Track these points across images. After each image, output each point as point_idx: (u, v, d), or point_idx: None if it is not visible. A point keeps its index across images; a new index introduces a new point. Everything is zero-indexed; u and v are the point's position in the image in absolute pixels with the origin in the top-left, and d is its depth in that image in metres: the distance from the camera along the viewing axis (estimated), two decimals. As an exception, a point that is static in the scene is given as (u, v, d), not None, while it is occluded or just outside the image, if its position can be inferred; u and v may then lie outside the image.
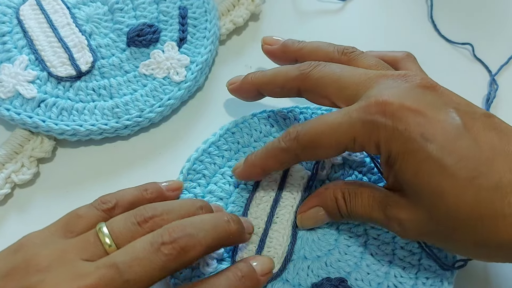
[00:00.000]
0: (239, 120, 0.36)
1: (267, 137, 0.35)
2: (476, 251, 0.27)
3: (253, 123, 0.36)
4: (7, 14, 0.38)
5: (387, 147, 0.26)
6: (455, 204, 0.25)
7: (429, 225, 0.26)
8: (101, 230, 0.25)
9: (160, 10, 0.40)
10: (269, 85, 0.33)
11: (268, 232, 0.32)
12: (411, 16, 0.44)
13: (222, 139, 0.35)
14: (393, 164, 0.27)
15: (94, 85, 0.37)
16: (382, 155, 0.27)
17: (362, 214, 0.29)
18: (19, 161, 0.35)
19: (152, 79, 0.37)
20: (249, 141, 0.35)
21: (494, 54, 0.42)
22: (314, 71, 0.30)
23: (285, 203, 0.32)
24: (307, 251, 0.31)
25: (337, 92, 0.29)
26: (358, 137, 0.27)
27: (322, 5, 0.44)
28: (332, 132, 0.28)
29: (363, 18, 0.44)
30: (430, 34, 0.43)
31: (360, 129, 0.27)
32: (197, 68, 0.38)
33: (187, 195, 0.33)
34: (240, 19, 0.41)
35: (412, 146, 0.26)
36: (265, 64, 0.41)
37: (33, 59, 0.37)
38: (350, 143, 0.28)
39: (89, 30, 0.38)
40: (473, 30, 0.43)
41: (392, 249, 0.31)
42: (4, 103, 0.35)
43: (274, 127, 0.36)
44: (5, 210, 0.34)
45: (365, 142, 0.27)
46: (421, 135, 0.25)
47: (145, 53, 0.38)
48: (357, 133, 0.27)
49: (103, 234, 0.25)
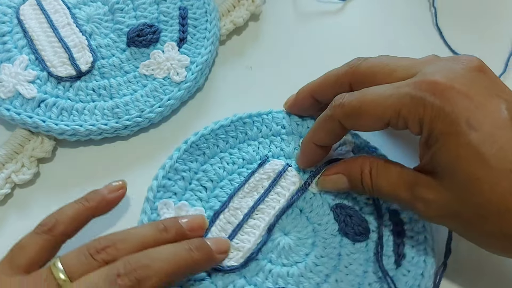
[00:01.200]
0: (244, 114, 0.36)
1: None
2: (500, 244, 0.27)
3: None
4: (7, 14, 0.38)
5: (431, 126, 0.26)
6: (489, 192, 0.25)
7: (457, 209, 0.26)
8: (55, 265, 0.25)
9: (160, 10, 0.40)
10: (322, 86, 0.33)
11: (243, 225, 0.32)
12: (411, 14, 0.44)
13: (232, 124, 0.35)
14: (432, 144, 0.27)
15: (94, 85, 0.37)
16: (424, 133, 0.27)
17: (387, 191, 0.29)
18: (19, 161, 0.35)
19: (152, 80, 0.38)
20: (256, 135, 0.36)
21: (495, 61, 0.42)
22: (363, 63, 0.31)
23: (269, 203, 0.33)
24: (274, 256, 0.31)
25: (386, 77, 0.29)
26: (404, 111, 0.27)
27: (322, 6, 0.44)
28: (380, 102, 0.28)
29: (363, 18, 0.44)
30: (430, 33, 0.43)
31: (407, 103, 0.27)
32: (197, 68, 0.38)
33: (182, 166, 0.33)
34: (240, 19, 0.41)
35: (456, 129, 0.26)
36: (266, 64, 0.41)
37: (33, 59, 0.37)
38: (394, 116, 0.27)
39: (90, 30, 0.38)
40: (476, 37, 0.43)
41: (364, 270, 0.31)
42: (4, 103, 0.35)
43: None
44: (5, 210, 0.34)
45: (409, 118, 0.27)
46: (466, 120, 0.25)
47: (145, 53, 0.38)
48: (404, 107, 0.27)
49: (57, 269, 0.25)
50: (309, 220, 0.33)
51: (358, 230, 0.32)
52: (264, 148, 0.35)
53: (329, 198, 0.33)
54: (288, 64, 0.41)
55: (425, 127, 0.27)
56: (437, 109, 0.26)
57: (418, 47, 0.42)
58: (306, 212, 0.33)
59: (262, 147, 0.35)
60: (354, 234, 0.32)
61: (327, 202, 0.33)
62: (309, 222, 0.33)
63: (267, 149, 0.35)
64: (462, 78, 0.27)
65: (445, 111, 0.26)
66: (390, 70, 0.29)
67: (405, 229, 0.32)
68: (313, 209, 0.33)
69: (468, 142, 0.25)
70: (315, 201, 0.33)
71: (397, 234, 0.32)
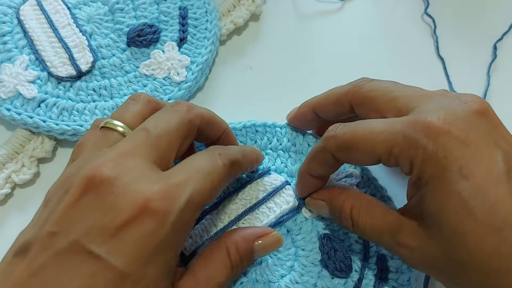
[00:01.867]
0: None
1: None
2: None
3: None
4: (7, 14, 0.38)
5: (421, 168, 0.25)
6: (473, 249, 0.24)
7: (440, 261, 0.25)
8: (109, 122, 0.27)
9: (160, 10, 0.40)
10: (324, 102, 0.32)
11: (226, 230, 0.31)
12: (409, 13, 0.44)
13: (243, 129, 0.35)
14: (421, 187, 0.26)
15: (95, 85, 0.37)
16: (413, 174, 0.26)
17: (369, 233, 0.28)
18: (20, 161, 0.35)
19: (152, 79, 0.38)
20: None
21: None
22: (366, 85, 0.30)
23: (257, 216, 0.32)
24: (250, 269, 0.31)
25: (387, 103, 0.28)
26: (396, 149, 0.26)
27: (321, 5, 0.44)
28: (371, 137, 0.27)
29: (362, 18, 0.44)
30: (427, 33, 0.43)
31: (400, 142, 0.26)
32: (197, 68, 0.38)
33: None
34: (240, 19, 0.41)
35: (447, 177, 0.24)
36: (266, 64, 0.41)
37: (33, 59, 0.37)
38: (385, 154, 0.26)
39: (90, 30, 0.38)
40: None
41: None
42: (5, 103, 0.35)
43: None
44: (5, 210, 0.34)
45: (400, 157, 0.26)
46: (459, 169, 0.24)
47: (146, 53, 0.38)
48: (396, 145, 0.26)
49: (113, 124, 0.27)
50: (293, 242, 0.32)
51: (340, 266, 0.31)
52: (269, 161, 0.34)
53: (320, 226, 0.32)
54: (288, 64, 0.41)
55: (415, 168, 0.25)
56: (429, 153, 0.25)
57: (417, 46, 0.42)
58: (293, 234, 0.32)
59: (268, 159, 0.34)
60: (334, 269, 0.31)
61: (316, 229, 0.32)
62: (293, 244, 0.32)
63: (272, 162, 0.34)
64: (462, 122, 0.25)
65: (438, 156, 0.24)
66: (391, 97, 0.28)
67: (389, 278, 0.31)
68: (301, 233, 0.32)
69: (458, 192, 0.24)
70: (305, 226, 0.32)
71: (379, 281, 0.31)
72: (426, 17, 0.43)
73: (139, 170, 0.24)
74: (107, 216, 0.22)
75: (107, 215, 0.22)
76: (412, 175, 0.26)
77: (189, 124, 0.28)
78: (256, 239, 0.29)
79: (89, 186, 0.23)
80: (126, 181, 0.23)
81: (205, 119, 0.29)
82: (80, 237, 0.22)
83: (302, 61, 0.41)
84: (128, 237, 0.22)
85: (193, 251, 0.30)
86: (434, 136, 0.25)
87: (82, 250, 0.22)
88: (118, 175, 0.23)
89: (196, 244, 0.31)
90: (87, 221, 0.22)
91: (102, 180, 0.23)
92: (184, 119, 0.27)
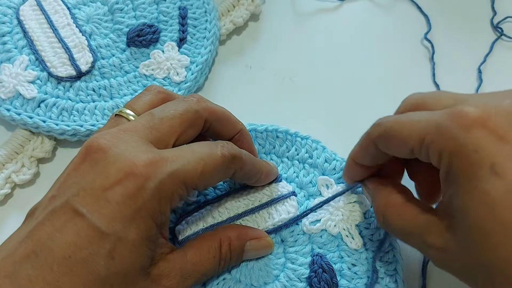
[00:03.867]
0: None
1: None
2: None
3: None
4: (7, 15, 0.38)
5: (449, 161, 0.24)
6: (500, 252, 0.22)
7: (466, 263, 0.24)
8: (122, 111, 0.28)
9: (160, 10, 0.40)
10: (358, 151, 0.30)
11: (222, 225, 0.31)
12: (407, 12, 0.44)
13: (264, 132, 0.35)
14: (450, 183, 0.24)
15: (94, 85, 0.37)
16: (442, 168, 0.24)
17: (399, 234, 0.28)
18: (20, 161, 0.35)
19: (152, 80, 0.38)
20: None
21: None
22: (384, 122, 0.28)
23: (256, 219, 0.32)
24: (235, 268, 0.31)
25: (434, 101, 0.27)
26: (428, 139, 0.24)
27: (320, 5, 0.44)
28: (408, 126, 0.26)
29: (361, 17, 0.44)
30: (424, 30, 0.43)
31: (432, 131, 0.24)
32: (197, 68, 0.38)
33: None
34: (240, 19, 0.41)
35: (475, 173, 0.22)
36: (265, 64, 0.41)
37: (33, 59, 0.37)
38: (418, 143, 0.25)
39: (89, 30, 0.38)
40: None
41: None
42: (5, 103, 0.35)
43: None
44: (5, 210, 0.34)
45: (430, 147, 0.24)
46: (491, 165, 0.22)
47: (145, 53, 0.38)
48: (428, 135, 0.24)
49: (125, 112, 0.28)
50: (285, 253, 0.31)
51: (323, 287, 0.30)
52: (283, 168, 0.34)
53: (316, 244, 0.32)
54: (287, 64, 0.41)
55: (444, 160, 0.24)
56: (459, 145, 0.23)
57: (415, 44, 0.42)
58: (286, 245, 0.32)
59: (282, 166, 0.34)
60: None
61: (312, 246, 0.32)
62: (284, 255, 0.31)
63: (285, 170, 0.34)
64: (503, 118, 0.23)
65: (468, 150, 0.23)
66: (439, 96, 0.27)
67: None
68: (295, 246, 0.32)
69: (487, 191, 0.22)
70: (301, 239, 0.32)
71: None
72: (423, 16, 0.43)
73: (133, 143, 0.25)
74: (96, 180, 0.24)
75: (97, 178, 0.24)
76: (441, 169, 0.25)
77: (195, 114, 0.28)
78: (249, 240, 0.30)
79: (87, 154, 0.25)
80: (118, 151, 0.25)
81: (214, 114, 0.29)
82: (71, 197, 0.24)
83: (302, 60, 0.41)
84: (110, 198, 0.23)
85: (186, 237, 0.31)
86: (466, 128, 0.23)
87: (71, 209, 0.23)
88: (113, 145, 0.25)
89: (190, 231, 0.31)
90: (79, 184, 0.24)
91: (98, 149, 0.25)
92: (190, 108, 0.28)
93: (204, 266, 0.28)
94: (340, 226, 0.32)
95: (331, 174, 0.34)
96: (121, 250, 0.23)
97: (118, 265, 0.23)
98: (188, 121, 0.28)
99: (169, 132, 0.27)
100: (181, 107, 0.28)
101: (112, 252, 0.23)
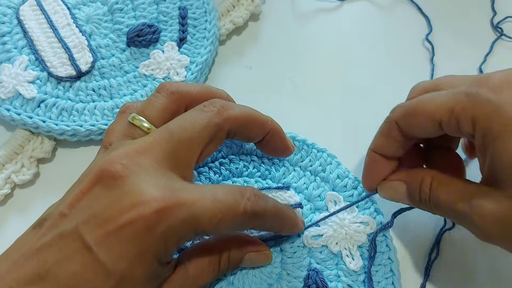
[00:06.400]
0: None
1: None
2: None
3: None
4: (7, 15, 0.38)
5: (485, 124, 0.24)
6: None
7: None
8: (136, 119, 0.27)
9: (160, 10, 0.40)
10: (379, 139, 0.30)
11: None
12: (407, 13, 0.44)
13: None
14: (489, 145, 0.24)
15: (94, 85, 0.37)
16: (477, 134, 0.25)
17: (445, 203, 0.27)
18: (19, 162, 0.35)
19: (152, 80, 0.38)
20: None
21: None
22: (398, 109, 0.29)
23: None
24: (233, 274, 0.30)
25: (449, 83, 0.28)
26: (457, 108, 0.25)
27: (320, 5, 0.44)
28: (434, 100, 0.26)
29: (361, 17, 0.44)
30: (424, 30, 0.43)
31: (462, 100, 0.25)
32: (197, 68, 0.38)
33: None
34: (240, 19, 0.41)
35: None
36: (265, 64, 0.41)
37: (33, 60, 0.37)
38: (446, 115, 0.25)
39: (89, 30, 0.38)
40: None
41: None
42: (4, 103, 0.35)
43: None
44: (5, 210, 0.34)
45: (461, 115, 0.25)
46: None
47: (145, 53, 0.38)
48: (458, 104, 0.25)
49: (139, 120, 0.27)
50: (282, 263, 0.31)
51: None
52: (294, 177, 0.34)
53: (314, 259, 0.31)
54: (287, 64, 0.41)
55: (479, 125, 0.24)
56: (494, 105, 0.24)
57: (415, 44, 0.42)
58: (285, 256, 0.31)
59: (293, 175, 0.34)
60: None
61: (309, 260, 0.31)
62: (280, 265, 0.31)
63: (296, 179, 0.34)
64: None
65: (503, 108, 0.23)
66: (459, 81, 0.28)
67: None
68: (293, 258, 0.31)
69: None
70: (300, 252, 0.31)
71: None
72: (423, 16, 0.43)
73: (152, 172, 0.24)
74: (108, 209, 0.23)
75: (109, 208, 0.23)
76: (476, 134, 0.25)
77: (215, 128, 0.27)
78: (249, 251, 0.29)
79: (101, 178, 0.24)
80: (135, 181, 0.24)
81: (238, 122, 0.28)
82: (81, 224, 0.23)
83: (302, 60, 0.41)
84: (119, 235, 0.23)
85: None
86: (497, 89, 0.24)
87: (79, 238, 0.23)
88: (131, 173, 0.24)
89: None
90: (91, 210, 0.24)
91: (113, 175, 0.24)
92: (210, 122, 0.26)
93: (203, 279, 0.28)
94: (341, 244, 0.31)
95: (341, 191, 0.33)
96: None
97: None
98: (209, 137, 0.27)
99: (188, 156, 0.26)
100: (200, 124, 0.26)
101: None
